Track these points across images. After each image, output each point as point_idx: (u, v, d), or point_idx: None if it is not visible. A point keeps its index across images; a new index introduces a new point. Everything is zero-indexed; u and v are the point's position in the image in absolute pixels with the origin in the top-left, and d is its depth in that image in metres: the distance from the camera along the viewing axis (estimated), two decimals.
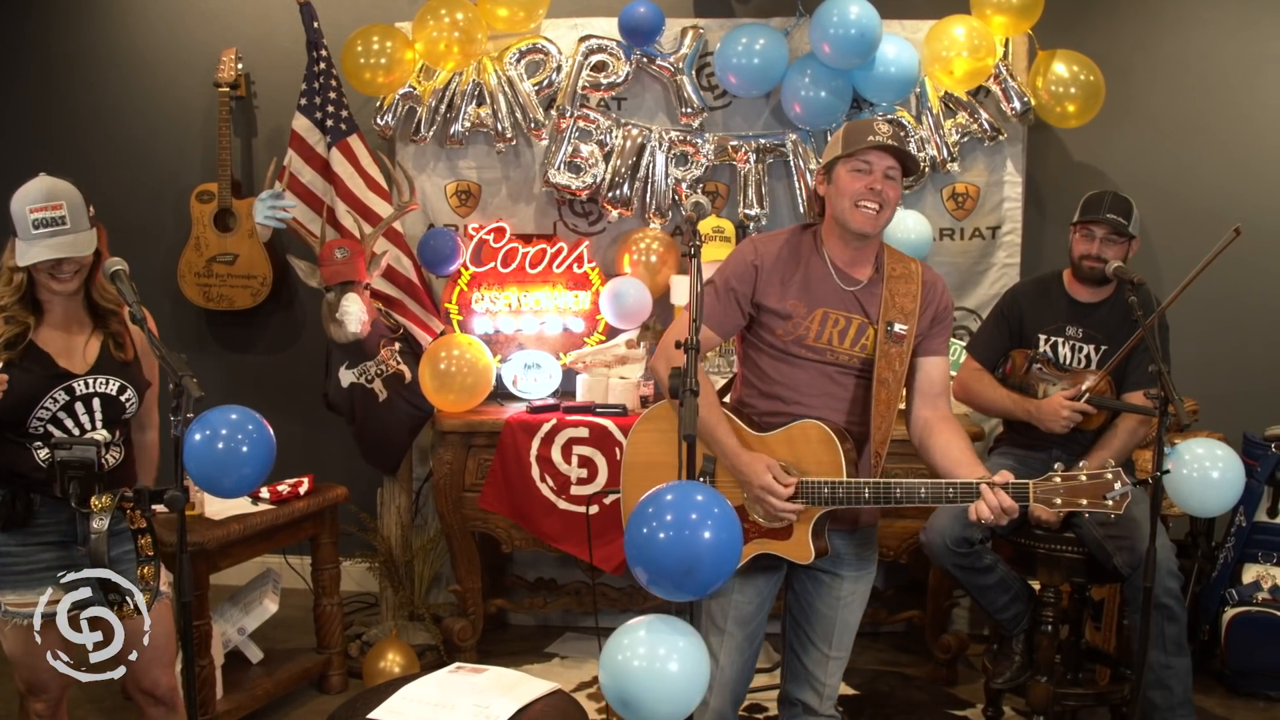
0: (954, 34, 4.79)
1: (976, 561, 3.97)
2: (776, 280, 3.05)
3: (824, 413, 3.04)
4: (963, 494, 2.88)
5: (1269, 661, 4.50)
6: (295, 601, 5.12)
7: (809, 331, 3.04)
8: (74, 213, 2.98)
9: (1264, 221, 5.08)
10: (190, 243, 5.35)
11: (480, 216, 5.23)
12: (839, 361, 3.06)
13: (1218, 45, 5.16)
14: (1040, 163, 5.21)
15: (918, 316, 3.09)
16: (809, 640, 3.20)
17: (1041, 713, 4.08)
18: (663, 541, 2.26)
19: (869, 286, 3.09)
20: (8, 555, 3.07)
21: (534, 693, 2.98)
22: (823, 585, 3.17)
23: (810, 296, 3.04)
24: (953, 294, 5.07)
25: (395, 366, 4.80)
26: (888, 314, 3.05)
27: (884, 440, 3.06)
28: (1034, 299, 4.20)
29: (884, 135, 2.98)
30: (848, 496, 2.94)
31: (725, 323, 3.09)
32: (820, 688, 3.19)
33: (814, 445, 3.00)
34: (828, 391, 3.07)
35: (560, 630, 5.24)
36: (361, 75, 4.90)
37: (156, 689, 3.29)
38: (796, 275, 3.06)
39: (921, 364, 3.15)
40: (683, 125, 5.08)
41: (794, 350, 3.05)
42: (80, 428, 3.11)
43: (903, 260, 3.17)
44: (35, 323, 3.08)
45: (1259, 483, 4.65)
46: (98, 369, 3.13)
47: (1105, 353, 4.02)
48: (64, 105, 5.68)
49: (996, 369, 4.21)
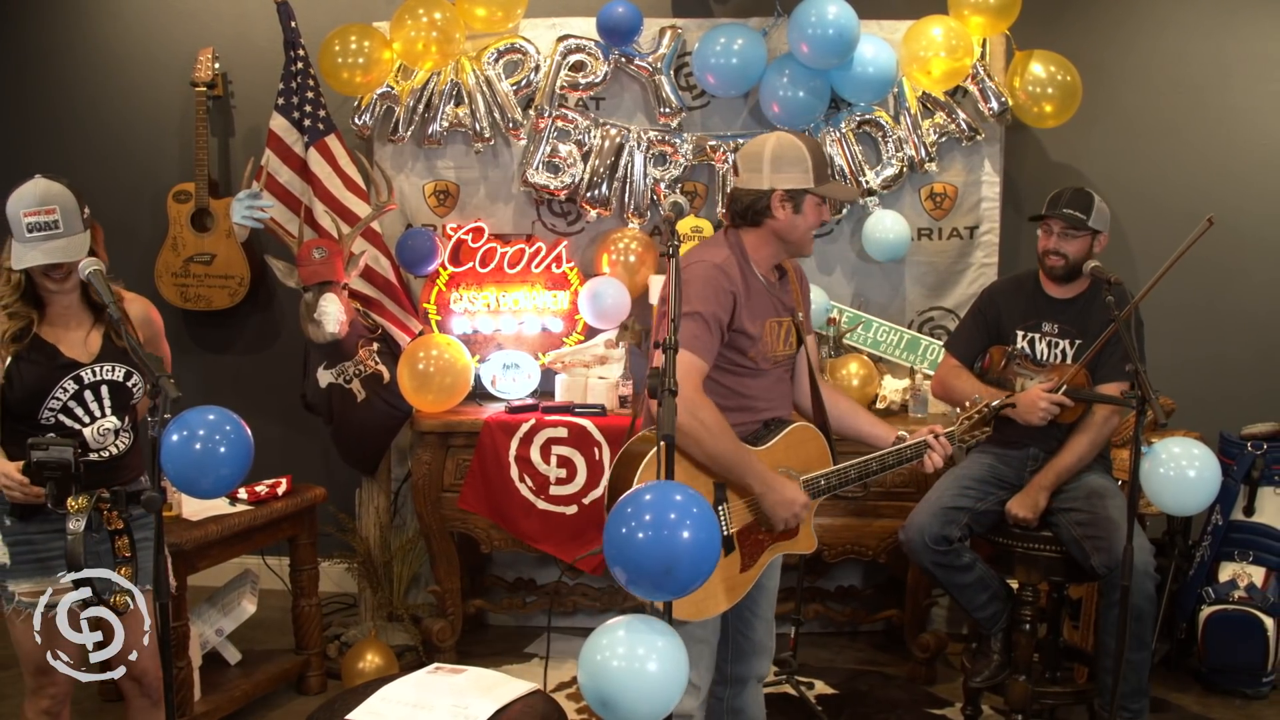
0: (932, 34, 4.80)
1: (955, 560, 3.99)
2: (746, 304, 3.07)
3: (782, 411, 3.23)
4: (916, 451, 3.22)
5: (1245, 659, 4.53)
6: (273, 602, 5.10)
7: (770, 346, 3.14)
8: (67, 217, 3.03)
9: (1239, 221, 5.11)
10: (167, 243, 5.32)
11: (458, 216, 5.22)
12: (781, 363, 3.23)
13: (1194, 46, 5.19)
14: (1018, 163, 5.23)
15: (803, 302, 3.31)
16: (757, 615, 3.34)
17: (1020, 711, 4.10)
18: (641, 542, 2.26)
19: (782, 282, 3.24)
20: (26, 542, 3.13)
21: (513, 693, 2.97)
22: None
23: (759, 310, 3.12)
24: (930, 293, 5.18)
25: (373, 367, 4.78)
26: (798, 305, 3.26)
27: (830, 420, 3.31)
28: (1010, 296, 4.23)
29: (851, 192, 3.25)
30: (840, 482, 3.19)
31: (714, 353, 3.04)
32: (766, 651, 3.39)
33: (808, 445, 3.21)
34: (781, 392, 3.25)
35: (539, 630, 5.24)
36: (339, 75, 4.88)
37: (145, 677, 3.31)
38: (750, 299, 3.10)
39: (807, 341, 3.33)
40: (661, 125, 5.08)
41: (762, 366, 3.14)
42: (91, 416, 3.18)
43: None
44: (38, 317, 3.15)
45: (1235, 481, 4.67)
46: (103, 357, 3.20)
47: (1080, 347, 4.05)
48: (40, 105, 5.65)
49: (974, 365, 4.24)
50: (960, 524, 4.01)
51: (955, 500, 4.04)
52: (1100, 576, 3.85)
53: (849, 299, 5.16)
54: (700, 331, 2.95)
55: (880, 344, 5.06)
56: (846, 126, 5.02)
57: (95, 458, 3.19)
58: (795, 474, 3.13)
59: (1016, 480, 4.12)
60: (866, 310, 5.11)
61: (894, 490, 4.63)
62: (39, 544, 3.12)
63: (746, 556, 3.09)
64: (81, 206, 3.07)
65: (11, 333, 3.09)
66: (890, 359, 5.06)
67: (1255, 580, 4.58)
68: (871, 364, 4.98)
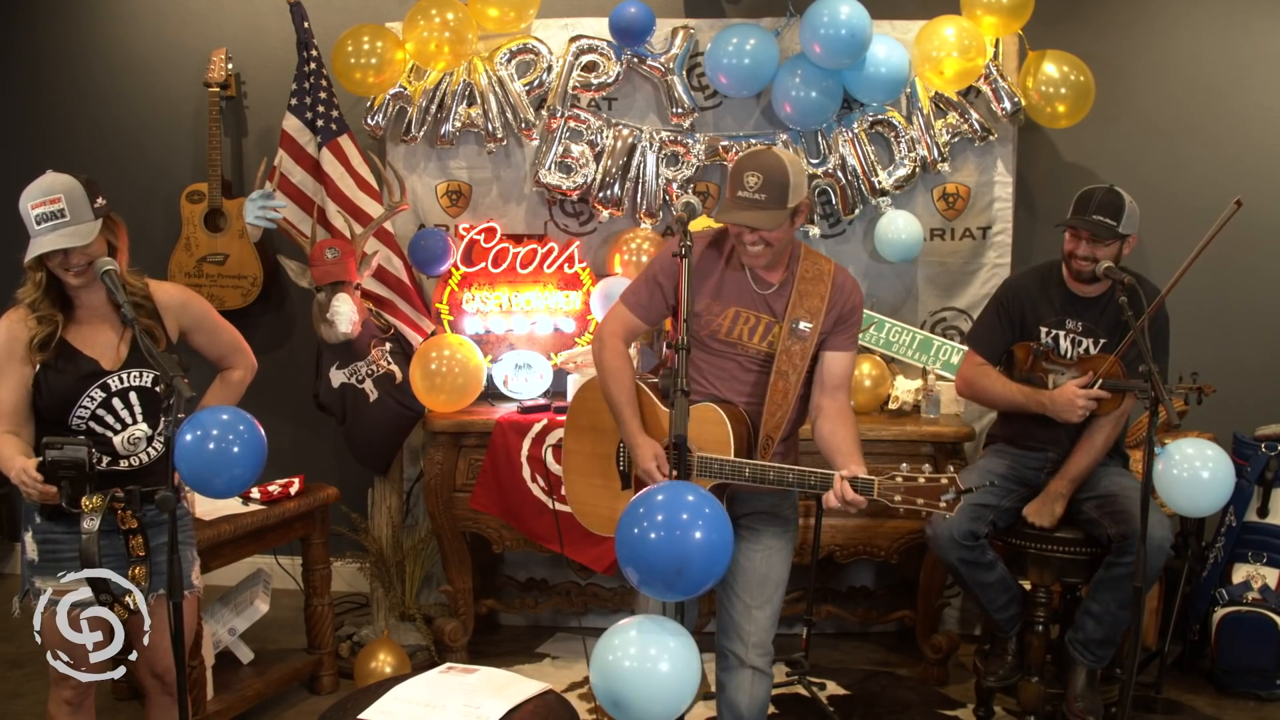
0: (944, 34, 4.79)
1: (980, 557, 3.98)
2: (704, 281, 3.34)
3: (730, 396, 3.35)
4: (823, 483, 3.11)
5: (1259, 661, 4.51)
6: (286, 602, 5.11)
7: (720, 327, 3.33)
8: (73, 205, 3.02)
9: (1254, 220, 5.08)
10: (180, 243, 5.34)
11: (471, 217, 5.22)
12: (747, 354, 3.35)
13: (1207, 45, 5.17)
14: (1031, 163, 5.22)
15: (823, 315, 3.33)
16: (734, 593, 3.36)
17: (1032, 712, 4.09)
18: (654, 542, 2.26)
19: (780, 289, 3.36)
20: (54, 542, 3.14)
21: (525, 693, 2.98)
22: (742, 541, 3.35)
23: (725, 296, 3.35)
24: (943, 294, 5.16)
25: (386, 367, 4.79)
26: (794, 313, 3.32)
27: (777, 427, 3.32)
28: (1035, 291, 4.16)
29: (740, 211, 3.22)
30: (733, 473, 3.21)
31: (651, 312, 3.43)
32: (746, 636, 3.34)
33: (708, 425, 3.27)
34: (735, 377, 3.36)
35: (551, 630, 5.24)
36: (352, 75, 4.89)
37: (167, 675, 3.32)
38: (713, 276, 3.36)
39: (825, 358, 3.38)
40: (673, 125, 5.08)
41: (708, 342, 3.34)
42: (122, 423, 3.17)
43: (817, 261, 3.41)
44: (65, 320, 3.15)
45: (1249, 483, 4.65)
46: (130, 363, 3.18)
47: (1105, 346, 4.01)
48: (54, 106, 5.67)
49: (999, 363, 4.20)
50: (987, 520, 3.99)
51: (982, 497, 3.99)
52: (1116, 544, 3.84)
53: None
54: (639, 287, 3.42)
55: (893, 344, 5.05)
56: (859, 127, 5.01)
57: (125, 466, 3.18)
58: (695, 447, 3.23)
59: (1035, 481, 4.10)
60: (879, 311, 5.10)
61: None
62: (66, 544, 3.12)
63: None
64: (92, 197, 3.06)
65: (39, 340, 3.09)
66: (903, 359, 5.05)
67: (1269, 582, 4.57)
68: (884, 365, 4.97)
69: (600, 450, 3.53)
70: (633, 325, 3.43)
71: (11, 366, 3.09)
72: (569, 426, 3.66)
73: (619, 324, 3.43)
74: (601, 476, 3.53)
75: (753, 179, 3.16)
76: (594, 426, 3.55)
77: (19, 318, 3.13)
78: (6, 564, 5.98)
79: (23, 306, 3.14)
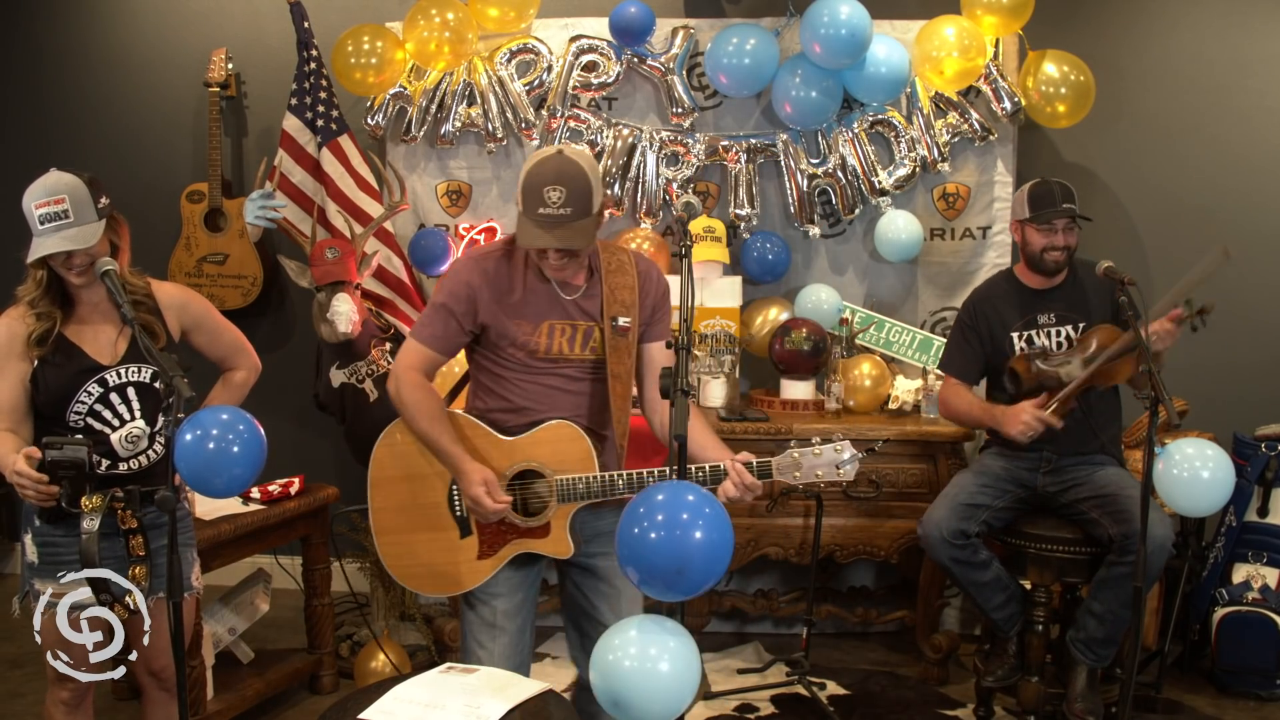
0: (944, 34, 4.79)
1: (972, 556, 3.98)
2: (494, 301, 3.05)
3: (568, 412, 3.09)
4: (711, 477, 2.95)
5: (1259, 661, 4.51)
6: (286, 602, 5.11)
7: (539, 345, 3.06)
8: (77, 206, 3.01)
9: (1254, 222, 5.09)
10: (180, 242, 5.34)
11: (471, 216, 5.22)
12: (573, 365, 3.11)
13: (1208, 45, 5.17)
14: (1031, 163, 5.21)
15: (638, 307, 3.12)
16: (599, 621, 3.17)
17: (1032, 712, 4.09)
18: (654, 542, 2.26)
19: (588, 290, 3.11)
20: (54, 544, 3.13)
21: (525, 693, 2.97)
22: (597, 564, 3.19)
23: (533, 312, 3.06)
24: (943, 293, 5.16)
25: (386, 366, 4.79)
26: (610, 310, 3.09)
27: (625, 432, 3.12)
28: (996, 300, 4.23)
29: (546, 232, 2.90)
30: (602, 489, 3.02)
31: (447, 343, 3.09)
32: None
33: (565, 444, 3.07)
34: (569, 391, 3.11)
35: (552, 630, 5.24)
36: (352, 75, 4.89)
37: (164, 673, 3.32)
38: (514, 294, 3.06)
39: (647, 350, 3.19)
40: (673, 125, 5.08)
41: (530, 364, 3.08)
42: (120, 419, 3.15)
43: (614, 252, 3.17)
44: (64, 316, 3.14)
45: (1249, 482, 4.65)
46: (129, 358, 3.17)
47: (1084, 328, 4.07)
48: (55, 105, 5.67)
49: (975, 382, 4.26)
50: (978, 520, 4.00)
51: (973, 497, 4.04)
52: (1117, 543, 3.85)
53: (861, 299, 5.16)
54: (430, 318, 3.08)
55: (893, 344, 5.05)
56: (859, 126, 5.01)
57: (125, 469, 3.16)
58: (550, 471, 3.04)
59: (1031, 482, 4.11)
60: (879, 310, 5.10)
61: (906, 491, 4.62)
62: (66, 546, 3.11)
63: (485, 544, 3.08)
64: (96, 197, 3.05)
65: (36, 335, 3.08)
66: (903, 359, 5.05)
67: (1269, 582, 4.57)
68: (884, 364, 4.97)
69: (423, 499, 3.17)
70: (429, 359, 3.09)
71: (10, 363, 3.09)
72: (372, 484, 3.24)
73: (415, 357, 3.08)
74: (429, 530, 3.17)
75: (555, 194, 2.85)
76: (408, 475, 3.18)
77: (18, 315, 3.13)
78: (6, 564, 5.98)
79: (22, 304, 3.14)
